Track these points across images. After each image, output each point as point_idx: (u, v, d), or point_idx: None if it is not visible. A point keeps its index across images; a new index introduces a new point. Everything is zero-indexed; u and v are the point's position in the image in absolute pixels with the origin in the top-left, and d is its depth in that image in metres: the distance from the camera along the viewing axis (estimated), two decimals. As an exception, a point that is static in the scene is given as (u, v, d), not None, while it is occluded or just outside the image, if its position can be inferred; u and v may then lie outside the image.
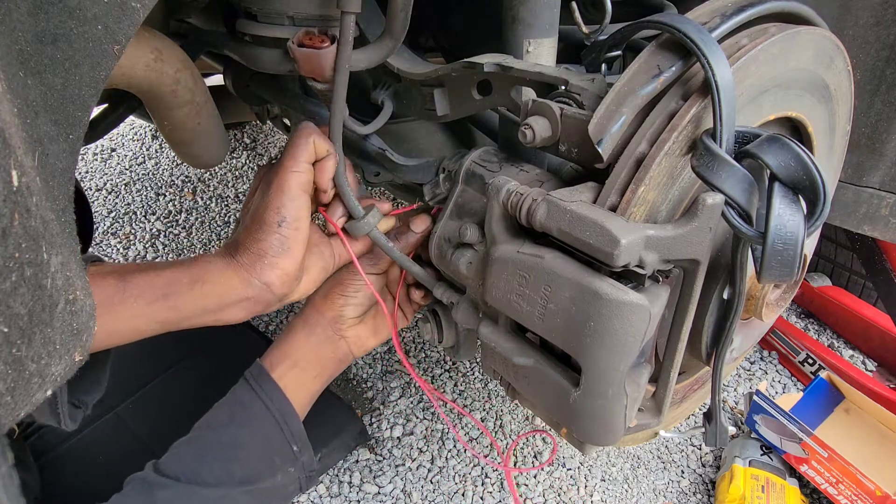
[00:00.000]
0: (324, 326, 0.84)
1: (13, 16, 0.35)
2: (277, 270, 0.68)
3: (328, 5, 0.76)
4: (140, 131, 2.84)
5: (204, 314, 0.68)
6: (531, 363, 0.64)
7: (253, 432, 0.79)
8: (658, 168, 0.54)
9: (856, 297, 1.69)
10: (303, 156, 0.68)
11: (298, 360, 0.83)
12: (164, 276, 0.66)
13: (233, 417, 0.79)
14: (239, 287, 0.67)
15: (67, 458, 1.10)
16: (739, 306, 0.62)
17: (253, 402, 0.80)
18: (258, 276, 0.67)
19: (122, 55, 0.42)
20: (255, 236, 0.67)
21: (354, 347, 0.87)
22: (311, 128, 0.70)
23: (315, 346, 0.84)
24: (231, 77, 1.12)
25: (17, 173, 0.32)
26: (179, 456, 0.77)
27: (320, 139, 0.70)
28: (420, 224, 0.80)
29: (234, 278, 0.67)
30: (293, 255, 0.68)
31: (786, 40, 0.58)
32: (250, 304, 0.69)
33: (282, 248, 0.67)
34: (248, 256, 0.67)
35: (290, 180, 0.67)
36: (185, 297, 0.66)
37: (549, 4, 0.73)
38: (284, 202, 0.67)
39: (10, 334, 0.32)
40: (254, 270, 0.67)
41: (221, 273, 0.67)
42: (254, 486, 0.78)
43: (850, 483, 1.14)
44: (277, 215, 0.67)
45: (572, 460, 1.35)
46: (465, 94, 0.80)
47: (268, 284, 0.68)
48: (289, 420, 0.80)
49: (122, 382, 1.22)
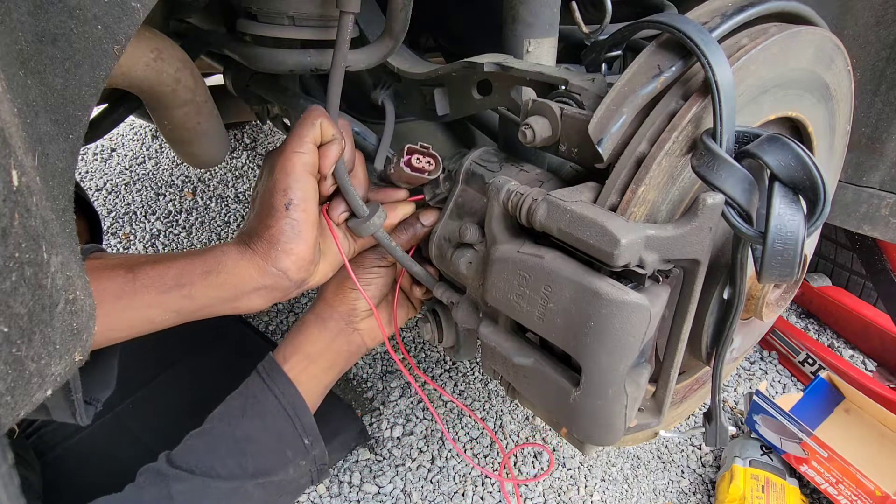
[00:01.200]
0: (336, 320, 0.85)
1: (13, 16, 0.35)
2: (292, 256, 0.67)
3: (328, 5, 0.76)
4: (140, 131, 2.84)
5: (221, 303, 0.68)
6: (531, 363, 0.64)
7: (265, 426, 0.79)
8: (658, 168, 0.54)
9: (856, 297, 1.69)
10: (308, 136, 0.67)
11: (311, 353, 0.83)
12: (176, 266, 0.66)
13: (245, 411, 0.80)
14: (255, 275, 0.67)
15: (67, 457, 1.10)
16: (739, 306, 0.62)
17: (265, 395, 0.80)
18: (273, 264, 0.67)
19: (122, 55, 0.42)
20: (266, 222, 0.67)
21: (368, 339, 0.87)
22: (320, 111, 0.69)
23: (328, 339, 0.84)
24: (231, 77, 1.12)
25: (17, 173, 0.32)
26: (193, 448, 0.78)
27: (328, 123, 0.69)
28: (429, 216, 0.80)
29: (249, 267, 0.67)
30: (305, 238, 0.68)
31: (786, 40, 0.58)
32: (268, 292, 0.69)
33: (293, 232, 0.67)
34: (262, 244, 0.67)
35: (295, 161, 0.67)
36: (199, 287, 0.66)
37: (549, 4, 0.73)
38: (290, 184, 0.66)
39: (10, 334, 0.32)
40: (268, 258, 0.67)
41: (236, 263, 0.67)
42: (266, 479, 0.79)
43: (850, 483, 1.14)
44: (284, 197, 0.66)
45: (572, 460, 1.35)
46: (465, 94, 0.80)
47: (284, 271, 0.67)
48: (300, 414, 0.81)
49: (122, 382, 1.21)
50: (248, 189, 2.41)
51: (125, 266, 0.64)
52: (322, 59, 0.80)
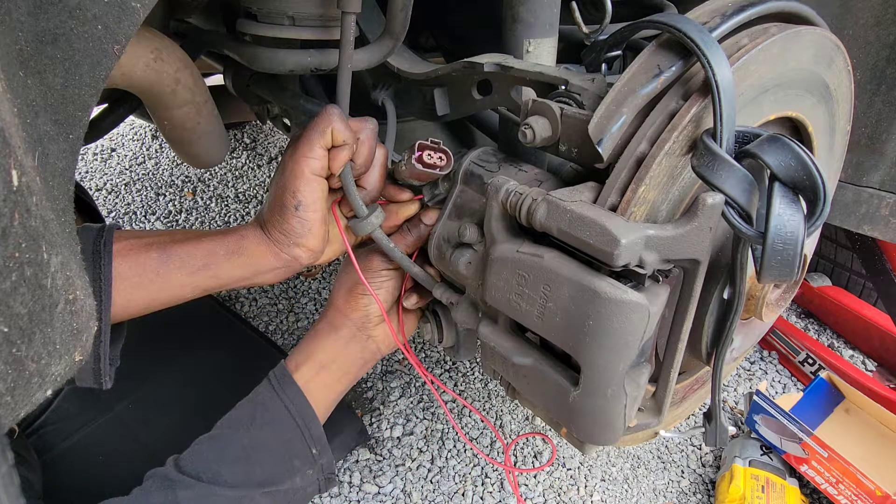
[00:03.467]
0: (349, 327, 0.85)
1: (13, 16, 0.35)
2: (303, 248, 0.74)
3: (328, 5, 0.76)
4: (140, 131, 2.84)
5: (241, 280, 0.76)
6: (531, 363, 0.64)
7: (273, 435, 0.80)
8: (658, 168, 0.54)
9: (856, 297, 1.69)
10: (318, 142, 0.70)
11: (323, 361, 0.84)
12: (203, 247, 0.73)
13: (254, 419, 0.80)
14: (272, 259, 0.74)
15: (67, 457, 1.10)
16: (739, 306, 0.62)
17: (274, 404, 0.81)
18: (288, 252, 0.74)
19: (122, 55, 0.42)
20: (279, 217, 0.72)
21: (383, 345, 0.87)
22: (334, 115, 0.70)
23: (341, 346, 0.85)
24: (231, 77, 1.12)
25: (17, 173, 0.32)
26: (201, 454, 0.78)
27: (340, 127, 0.70)
28: (430, 216, 0.81)
29: (266, 253, 0.74)
30: (315, 233, 0.73)
31: (786, 40, 0.58)
32: (281, 272, 0.77)
33: (303, 229, 0.72)
34: (276, 234, 0.73)
35: (304, 166, 0.70)
36: (224, 267, 0.73)
37: (549, 4, 0.73)
38: (299, 187, 0.70)
39: (10, 334, 0.32)
40: (283, 247, 0.74)
41: (256, 247, 0.74)
42: (273, 488, 0.79)
43: (850, 483, 1.14)
44: (294, 199, 0.71)
45: (572, 460, 1.35)
46: (465, 93, 0.80)
47: (296, 258, 0.75)
48: (309, 423, 0.81)
49: (122, 382, 1.22)
50: (248, 189, 2.41)
51: (157, 245, 0.71)
52: (322, 59, 0.81)
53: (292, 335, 1.69)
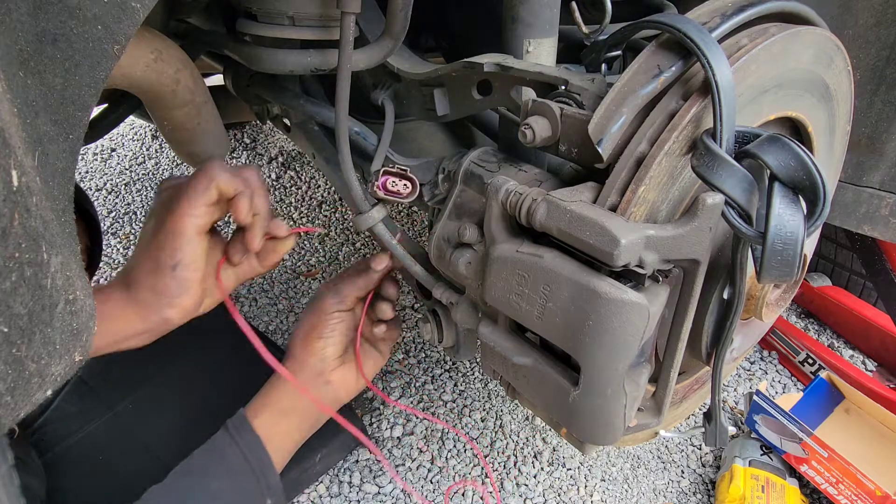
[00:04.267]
0: (307, 374, 0.85)
1: (13, 16, 0.35)
2: (176, 308, 0.68)
3: (328, 5, 0.76)
4: (140, 131, 2.84)
5: (98, 351, 0.67)
6: (530, 363, 0.64)
7: (229, 485, 0.79)
8: (658, 168, 0.54)
9: (856, 297, 1.69)
10: (201, 200, 0.66)
11: (283, 408, 0.84)
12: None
13: (208, 468, 0.79)
14: (138, 324, 0.67)
15: (67, 457, 1.10)
16: (739, 306, 0.62)
17: (232, 451, 0.80)
18: (158, 313, 0.68)
19: (122, 55, 0.42)
20: (153, 276, 0.67)
21: (342, 392, 0.87)
22: (215, 170, 0.67)
23: (299, 395, 0.84)
24: (231, 77, 1.12)
25: (17, 173, 0.32)
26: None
27: (226, 180, 0.67)
28: (380, 261, 0.83)
29: (133, 316, 0.67)
30: (191, 294, 0.68)
31: (786, 40, 0.58)
32: (148, 336, 0.70)
33: (179, 289, 0.67)
34: (146, 294, 0.67)
35: (187, 224, 0.66)
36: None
37: (549, 4, 0.73)
38: (180, 245, 0.66)
39: (10, 334, 0.32)
40: (152, 309, 0.67)
41: (122, 311, 0.67)
42: None
43: (850, 483, 1.14)
44: (172, 259, 0.66)
45: (572, 460, 1.35)
46: (465, 94, 0.80)
47: (167, 320, 0.69)
48: (266, 472, 0.81)
49: (122, 382, 1.22)
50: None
51: None
52: (322, 60, 0.80)
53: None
